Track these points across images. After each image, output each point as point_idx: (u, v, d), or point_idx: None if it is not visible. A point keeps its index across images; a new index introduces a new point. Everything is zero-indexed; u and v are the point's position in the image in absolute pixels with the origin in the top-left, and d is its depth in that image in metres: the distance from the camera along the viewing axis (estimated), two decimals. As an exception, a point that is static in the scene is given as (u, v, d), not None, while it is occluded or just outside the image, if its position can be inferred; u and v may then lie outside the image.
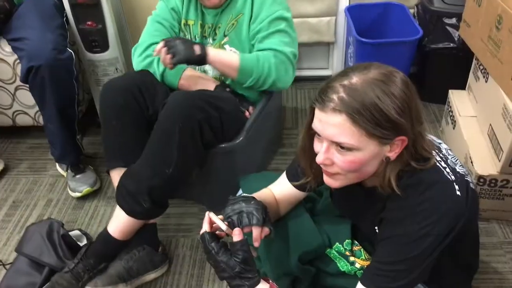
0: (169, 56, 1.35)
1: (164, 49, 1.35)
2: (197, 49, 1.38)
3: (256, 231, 0.98)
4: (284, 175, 1.16)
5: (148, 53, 1.54)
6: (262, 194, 1.13)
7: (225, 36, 1.55)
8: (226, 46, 1.56)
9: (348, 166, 0.86)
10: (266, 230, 1.01)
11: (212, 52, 1.42)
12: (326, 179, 0.95)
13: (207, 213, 1.00)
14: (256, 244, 0.99)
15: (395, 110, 0.81)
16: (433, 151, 0.92)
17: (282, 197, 1.15)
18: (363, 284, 0.93)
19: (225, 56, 1.47)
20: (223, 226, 0.98)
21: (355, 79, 0.83)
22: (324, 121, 0.84)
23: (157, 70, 1.53)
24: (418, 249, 0.86)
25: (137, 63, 1.57)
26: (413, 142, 0.87)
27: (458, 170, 0.92)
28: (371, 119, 0.81)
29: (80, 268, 1.34)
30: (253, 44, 1.55)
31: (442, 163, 0.91)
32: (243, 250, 0.93)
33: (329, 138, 0.85)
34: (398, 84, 0.83)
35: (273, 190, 1.16)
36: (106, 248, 1.38)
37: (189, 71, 1.56)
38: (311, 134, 0.92)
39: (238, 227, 0.98)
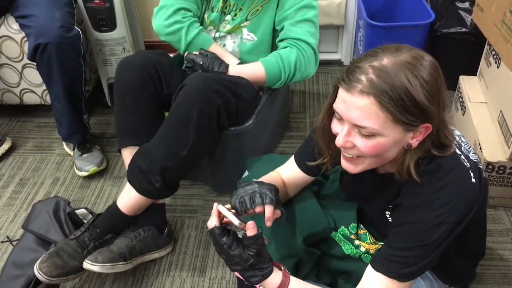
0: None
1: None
2: (216, 67, 1.44)
3: (269, 210, 0.96)
4: (292, 158, 1.15)
5: (177, 19, 1.47)
6: (270, 177, 1.12)
7: (246, 20, 1.53)
8: (244, 30, 1.54)
9: (370, 151, 0.83)
10: (278, 212, 0.99)
11: (234, 71, 1.45)
12: (345, 164, 0.92)
13: (215, 205, 0.95)
14: (268, 223, 0.97)
15: (424, 96, 0.78)
16: None
17: (290, 181, 1.14)
18: (374, 268, 0.91)
19: (248, 71, 1.47)
20: (236, 221, 0.91)
21: (385, 60, 0.79)
22: (348, 103, 0.80)
23: (183, 38, 1.49)
24: (432, 237, 0.85)
25: (162, 27, 1.49)
26: (437, 130, 0.84)
27: (471, 157, 0.91)
28: (399, 104, 0.77)
29: (86, 236, 1.34)
30: (278, 29, 1.53)
31: (457, 150, 0.90)
32: (257, 244, 0.90)
33: (352, 121, 0.81)
34: (428, 68, 0.80)
35: (281, 173, 1.15)
36: (114, 221, 1.39)
37: (215, 46, 1.53)
38: (332, 114, 0.89)
39: (250, 207, 0.96)
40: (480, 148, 1.54)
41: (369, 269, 0.93)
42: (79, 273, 1.33)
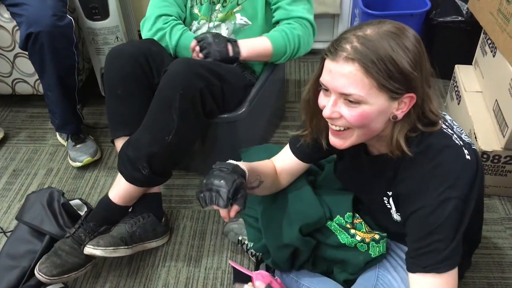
0: (202, 56, 1.41)
1: (197, 48, 1.42)
2: (230, 49, 1.42)
3: (222, 212, 0.95)
4: (287, 147, 1.15)
5: (159, 26, 1.51)
6: (262, 164, 1.12)
7: (238, 4, 1.52)
8: (237, 15, 1.53)
9: (356, 120, 0.85)
10: (235, 208, 0.95)
11: (245, 48, 1.45)
12: (333, 140, 0.93)
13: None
14: (225, 220, 0.97)
15: (408, 62, 0.80)
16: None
17: (284, 168, 1.14)
18: (410, 271, 0.90)
19: (258, 46, 1.48)
20: None
21: (369, 31, 0.82)
22: (334, 72, 0.83)
23: (169, 43, 1.51)
24: (443, 215, 0.85)
25: (149, 37, 1.54)
26: (421, 101, 0.85)
27: (464, 138, 0.92)
28: (383, 70, 0.80)
29: (81, 232, 1.35)
30: (273, 9, 1.53)
31: (449, 130, 0.91)
32: None
33: (338, 89, 0.83)
34: (411, 39, 0.83)
35: (274, 162, 1.15)
36: (107, 213, 1.39)
37: None
38: (318, 88, 0.90)
39: (207, 205, 0.95)
40: (475, 137, 1.55)
41: (410, 275, 0.90)
42: (80, 269, 1.33)
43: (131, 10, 2.08)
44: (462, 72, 1.83)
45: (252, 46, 1.47)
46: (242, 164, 1.02)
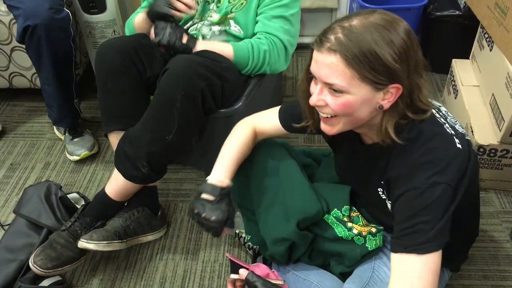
0: (153, 36, 1.38)
1: (153, 31, 1.40)
2: (184, 39, 1.39)
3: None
4: (276, 113, 1.17)
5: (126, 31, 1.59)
6: (245, 145, 1.18)
7: (231, 12, 1.51)
8: (231, 22, 1.52)
9: (339, 108, 0.87)
10: (226, 231, 1.13)
11: (201, 46, 1.41)
12: (323, 126, 0.96)
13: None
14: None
15: (391, 56, 0.81)
16: (433, 110, 0.92)
17: (264, 132, 1.19)
18: (393, 251, 0.90)
19: (217, 50, 1.43)
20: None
21: (355, 21, 0.83)
22: (319, 62, 0.85)
23: (131, 31, 1.56)
24: (431, 198, 0.85)
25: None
26: (409, 92, 0.86)
27: (457, 128, 0.93)
28: (364, 61, 0.81)
29: (77, 226, 1.35)
30: (256, 21, 1.52)
31: (442, 119, 0.91)
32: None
33: (322, 79, 0.86)
34: (399, 32, 0.82)
35: (257, 124, 1.20)
36: (103, 208, 1.39)
37: None
38: (310, 78, 0.92)
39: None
40: (472, 131, 1.55)
41: (392, 255, 0.91)
42: (75, 262, 1.34)
43: (128, 4, 2.07)
44: (459, 66, 1.83)
45: (211, 48, 1.42)
46: (226, 178, 1.13)
